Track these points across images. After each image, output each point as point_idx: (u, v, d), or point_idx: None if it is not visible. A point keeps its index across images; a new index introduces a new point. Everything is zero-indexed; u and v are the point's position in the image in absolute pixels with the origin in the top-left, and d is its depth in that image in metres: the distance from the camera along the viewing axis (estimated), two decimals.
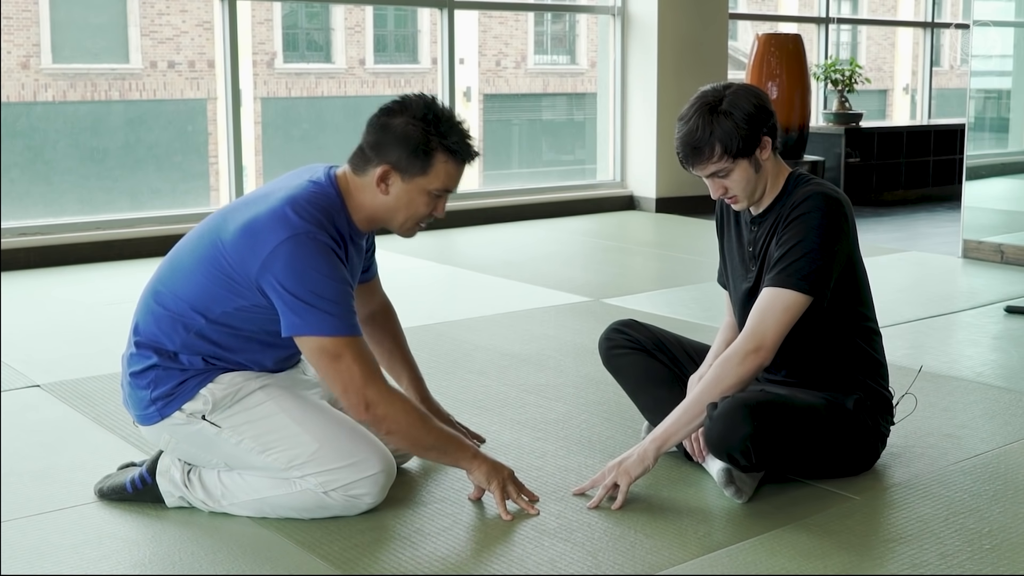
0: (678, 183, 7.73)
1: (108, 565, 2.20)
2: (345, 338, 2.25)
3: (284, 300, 2.23)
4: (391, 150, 2.31)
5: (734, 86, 2.48)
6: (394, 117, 2.32)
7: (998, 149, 6.64)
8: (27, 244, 5.55)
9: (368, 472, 2.34)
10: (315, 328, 2.24)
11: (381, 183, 2.32)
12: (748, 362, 2.42)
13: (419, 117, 2.30)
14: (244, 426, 2.34)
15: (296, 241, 2.23)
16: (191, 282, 2.34)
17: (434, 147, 2.30)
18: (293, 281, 2.22)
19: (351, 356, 2.25)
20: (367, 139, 2.35)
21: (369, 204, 2.36)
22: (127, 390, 2.44)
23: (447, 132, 2.31)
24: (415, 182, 2.32)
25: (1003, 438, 2.95)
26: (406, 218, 2.37)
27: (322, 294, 2.23)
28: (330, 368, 2.26)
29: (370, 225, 2.40)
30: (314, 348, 2.25)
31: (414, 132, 2.29)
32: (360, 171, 2.35)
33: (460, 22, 7.37)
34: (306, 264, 2.22)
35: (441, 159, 2.32)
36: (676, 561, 2.20)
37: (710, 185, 2.51)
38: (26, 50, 9.19)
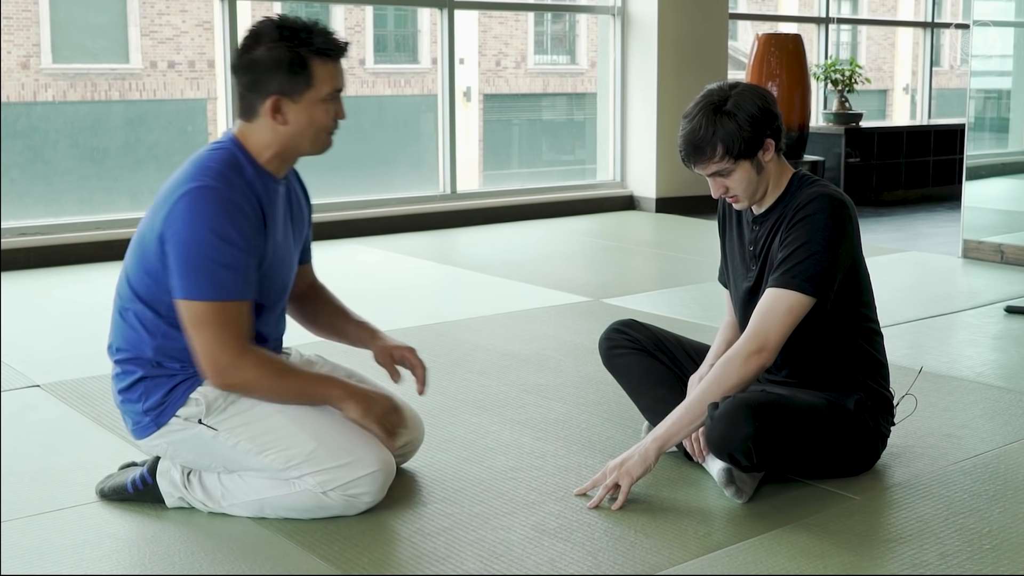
0: (678, 183, 7.73)
1: (108, 565, 2.20)
2: (214, 303, 2.23)
3: (172, 259, 2.23)
4: (269, 80, 2.29)
5: (740, 86, 2.48)
6: (255, 50, 2.30)
7: (998, 149, 6.64)
8: (27, 244, 5.55)
9: (366, 471, 2.33)
10: (191, 292, 2.23)
11: (276, 115, 2.31)
12: (751, 363, 2.42)
13: (277, 38, 2.29)
14: (240, 428, 2.33)
15: (197, 193, 2.23)
16: (134, 282, 2.35)
17: (305, 57, 2.29)
18: (182, 235, 2.22)
19: (216, 321, 2.23)
20: (242, 83, 2.33)
21: (273, 140, 2.33)
22: (120, 409, 2.44)
23: (310, 38, 2.30)
24: (306, 98, 2.30)
25: (1003, 438, 2.95)
26: (315, 135, 2.35)
27: (205, 254, 2.21)
28: (192, 331, 2.25)
29: (283, 162, 2.38)
30: (184, 309, 2.25)
31: (281, 53, 2.28)
32: (251, 115, 2.34)
33: (460, 22, 7.37)
34: (201, 220, 2.21)
35: (318, 64, 2.30)
36: (676, 561, 2.20)
37: (711, 184, 2.51)
38: (26, 50, 9.19)
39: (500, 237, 6.66)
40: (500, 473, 2.68)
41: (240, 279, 2.25)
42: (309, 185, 2.66)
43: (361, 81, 12.39)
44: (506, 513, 2.43)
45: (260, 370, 2.29)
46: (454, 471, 2.69)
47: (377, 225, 6.67)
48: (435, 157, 7.24)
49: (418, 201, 7.05)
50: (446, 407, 3.22)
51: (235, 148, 2.34)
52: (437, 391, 3.39)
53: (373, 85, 12.59)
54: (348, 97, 2.40)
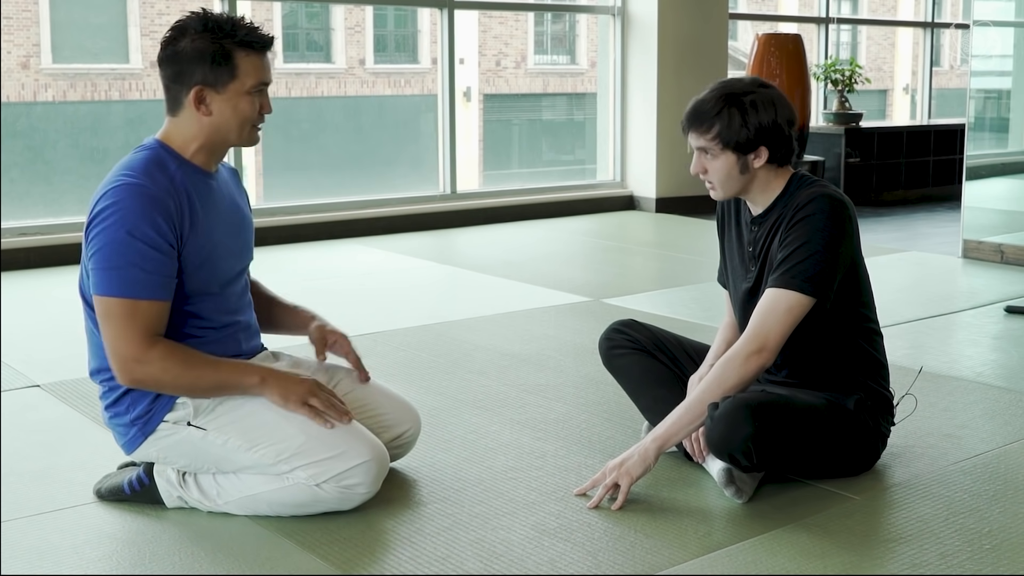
0: (678, 183, 7.73)
1: (108, 565, 2.20)
2: (122, 300, 2.23)
3: (89, 254, 2.25)
4: (193, 72, 2.29)
5: (767, 90, 2.48)
6: (179, 42, 2.31)
7: (998, 149, 6.64)
8: (27, 244, 5.55)
9: (357, 460, 2.31)
10: (100, 288, 2.24)
11: (200, 105, 2.31)
12: (751, 363, 2.42)
13: (201, 30, 2.29)
14: (229, 426, 2.33)
15: (117, 191, 2.24)
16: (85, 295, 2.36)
17: (229, 48, 2.29)
18: (100, 234, 2.22)
19: (122, 318, 2.23)
20: (165, 75, 2.33)
21: (198, 132, 2.33)
22: (108, 426, 2.44)
23: (233, 30, 2.30)
24: (230, 89, 2.31)
25: (1003, 438, 2.95)
26: (240, 126, 2.35)
27: (119, 253, 2.21)
28: (102, 328, 2.26)
29: (210, 155, 2.37)
30: (97, 303, 2.26)
31: (204, 45, 2.28)
32: (176, 108, 2.34)
33: (460, 22, 7.37)
34: (117, 218, 2.22)
35: (242, 56, 2.30)
36: (676, 561, 2.20)
37: (694, 158, 2.53)
38: (26, 50, 9.19)
39: (500, 237, 6.66)
40: (500, 473, 2.68)
41: (152, 279, 2.24)
42: (311, 185, 2.66)
43: (361, 81, 12.39)
44: (506, 513, 2.43)
45: (166, 363, 2.26)
46: (454, 471, 2.69)
47: (377, 225, 6.67)
48: (435, 157, 7.24)
49: (418, 201, 7.05)
50: (446, 407, 3.22)
51: (158, 147, 2.34)
52: (437, 391, 3.39)
53: (373, 85, 12.59)
54: (348, 97, 2.40)
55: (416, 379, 3.52)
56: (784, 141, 2.49)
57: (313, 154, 7.90)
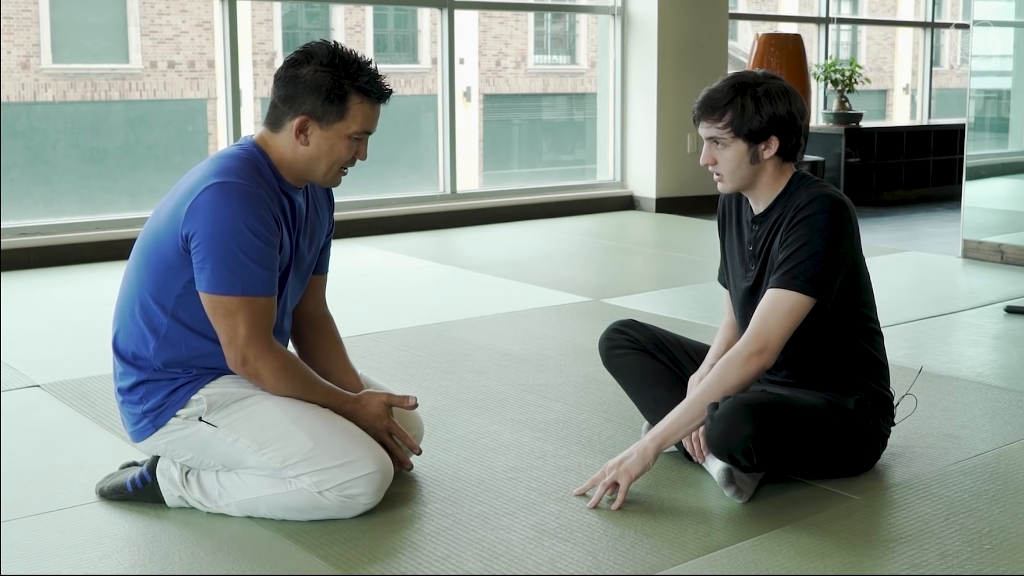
0: (678, 183, 7.73)
1: (108, 565, 2.20)
2: (244, 298, 2.25)
3: (200, 252, 2.24)
4: (304, 100, 2.30)
5: (777, 80, 2.50)
6: (301, 67, 2.31)
7: (998, 149, 6.64)
8: (27, 244, 5.55)
9: (362, 472, 2.32)
10: (221, 287, 2.24)
11: (300, 134, 2.32)
12: (751, 363, 2.42)
13: (326, 63, 2.30)
14: (240, 425, 2.33)
15: (222, 188, 2.24)
16: (143, 275, 2.35)
17: (347, 90, 2.30)
18: (212, 228, 2.23)
19: (244, 315, 2.26)
20: (278, 94, 2.34)
21: (290, 157, 2.35)
22: (119, 403, 2.44)
23: (357, 74, 2.31)
24: (333, 128, 2.32)
25: (1003, 438, 2.95)
26: (329, 166, 2.36)
27: (236, 248, 2.23)
28: (221, 322, 2.27)
29: (297, 179, 2.39)
30: (214, 303, 2.27)
31: (324, 79, 2.29)
32: (277, 127, 2.35)
33: (460, 22, 7.37)
34: (228, 211, 2.23)
35: (355, 101, 2.31)
36: (676, 561, 2.20)
37: (704, 149, 2.53)
38: (26, 50, 9.19)
39: (500, 237, 6.66)
40: (500, 473, 2.68)
41: (267, 275, 2.28)
42: None
43: None
44: (506, 513, 2.43)
45: (281, 374, 2.33)
46: (454, 471, 2.69)
47: (377, 225, 6.67)
48: (435, 157, 7.24)
49: (418, 201, 7.05)
50: (446, 407, 3.22)
51: (256, 151, 2.35)
52: (437, 391, 3.39)
53: None
54: None
55: (416, 379, 3.52)
56: (795, 132, 2.50)
57: None
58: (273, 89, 2.36)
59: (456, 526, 2.36)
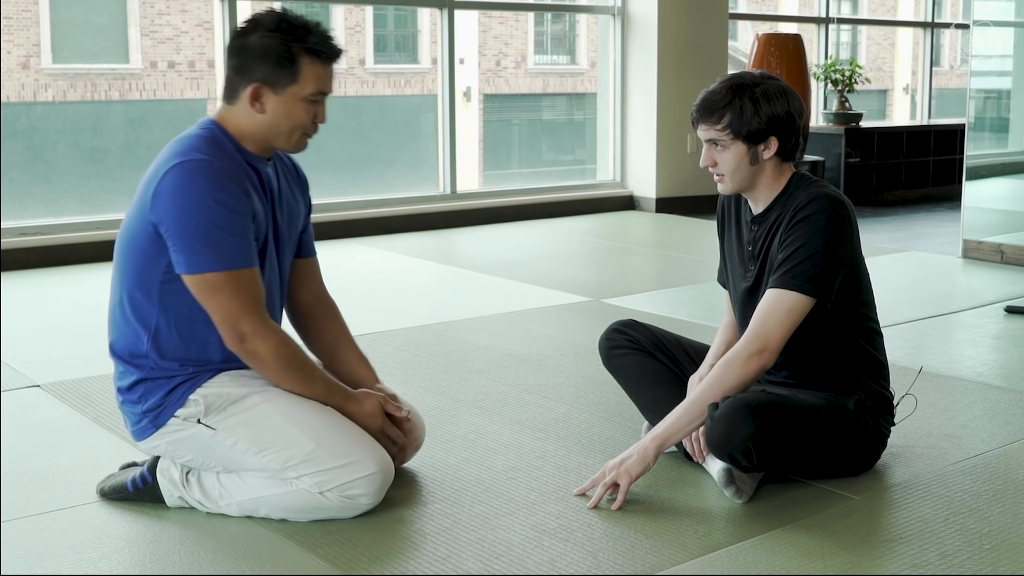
0: (678, 183, 7.73)
1: (108, 565, 2.20)
2: (226, 272, 2.23)
3: (172, 235, 2.23)
4: (255, 67, 2.30)
5: (775, 81, 2.51)
6: (249, 36, 2.31)
7: (998, 149, 6.64)
8: (27, 244, 5.55)
9: (364, 472, 2.32)
10: (198, 265, 2.23)
11: (255, 102, 2.31)
12: (751, 363, 2.42)
13: (273, 28, 2.29)
14: (239, 427, 2.33)
15: (183, 167, 2.23)
16: (124, 271, 2.35)
17: (296, 52, 2.29)
18: (180, 209, 2.21)
19: (231, 289, 2.24)
20: (230, 65, 2.34)
21: (250, 127, 2.34)
22: (120, 409, 2.44)
23: (305, 35, 2.30)
24: (287, 92, 2.31)
25: (1003, 438, 2.95)
26: (290, 131, 2.35)
27: (208, 223, 2.21)
28: (209, 300, 2.26)
29: (262, 149, 2.38)
30: (197, 283, 2.25)
31: (272, 43, 2.28)
32: (233, 99, 2.34)
33: (460, 22, 7.37)
34: (194, 189, 2.21)
35: (306, 62, 2.30)
36: (676, 561, 2.20)
37: (704, 151, 2.54)
38: (26, 50, 9.19)
39: (500, 237, 6.66)
40: (500, 473, 2.68)
41: (245, 245, 2.26)
42: (310, 185, 2.66)
43: (361, 81, 12.38)
44: (506, 513, 2.43)
45: (279, 349, 2.30)
46: (454, 471, 2.69)
47: (377, 225, 6.67)
48: (435, 157, 7.24)
49: (418, 201, 7.05)
50: (446, 407, 3.22)
51: (215, 128, 2.34)
52: (437, 391, 3.39)
53: (373, 85, 12.59)
54: (348, 97, 2.41)
55: (416, 379, 3.52)
56: (794, 132, 2.50)
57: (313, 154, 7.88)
58: (225, 61, 2.36)
59: (456, 526, 2.36)
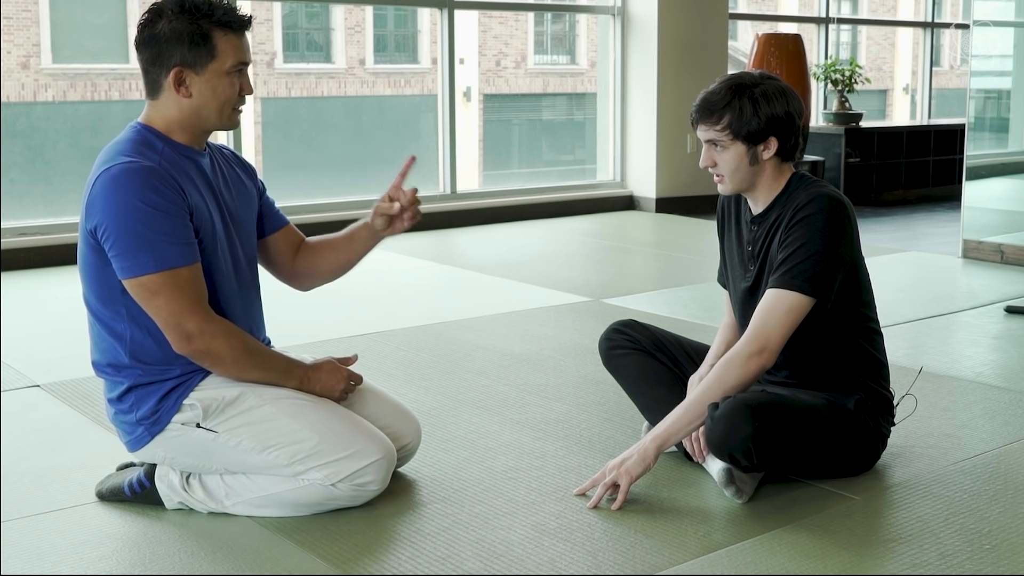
0: (678, 183, 7.73)
1: (108, 565, 2.20)
2: (161, 273, 2.22)
3: (108, 242, 2.23)
4: (171, 53, 2.29)
5: (774, 81, 2.51)
6: (156, 24, 2.30)
7: (998, 149, 6.64)
8: (27, 244, 5.55)
9: (370, 459, 2.34)
10: (135, 269, 2.22)
11: (179, 87, 2.30)
12: (751, 363, 2.42)
13: (177, 11, 2.29)
14: (241, 428, 2.33)
15: (109, 173, 2.23)
16: (85, 288, 2.37)
17: (207, 29, 2.29)
18: (110, 215, 2.21)
19: (168, 290, 2.23)
20: (144, 59, 2.32)
21: (178, 115, 2.33)
22: (113, 422, 2.43)
23: (211, 11, 2.30)
24: (209, 70, 2.30)
25: (1003, 438, 2.95)
26: (220, 108, 2.34)
27: (138, 225, 2.20)
28: (150, 304, 2.25)
29: (195, 136, 2.37)
30: (135, 287, 2.24)
31: (182, 25, 2.28)
32: (155, 92, 2.33)
33: (460, 22, 7.37)
34: (121, 193, 2.21)
35: (220, 36, 2.30)
36: (676, 561, 2.20)
37: (703, 151, 2.54)
38: (26, 50, 9.19)
39: (500, 237, 6.66)
40: (500, 473, 2.68)
41: (179, 244, 2.24)
42: (311, 185, 2.66)
43: (361, 81, 12.38)
44: (506, 513, 2.43)
45: (231, 340, 2.29)
46: (454, 471, 2.69)
47: None
48: (435, 157, 7.24)
49: None
50: (446, 407, 3.22)
51: (142, 129, 2.33)
52: (437, 391, 3.39)
53: (373, 85, 12.59)
54: (348, 97, 2.40)
55: (416, 379, 3.52)
56: (794, 132, 2.50)
57: (313, 154, 7.90)
58: (138, 58, 2.34)
59: (456, 526, 2.36)
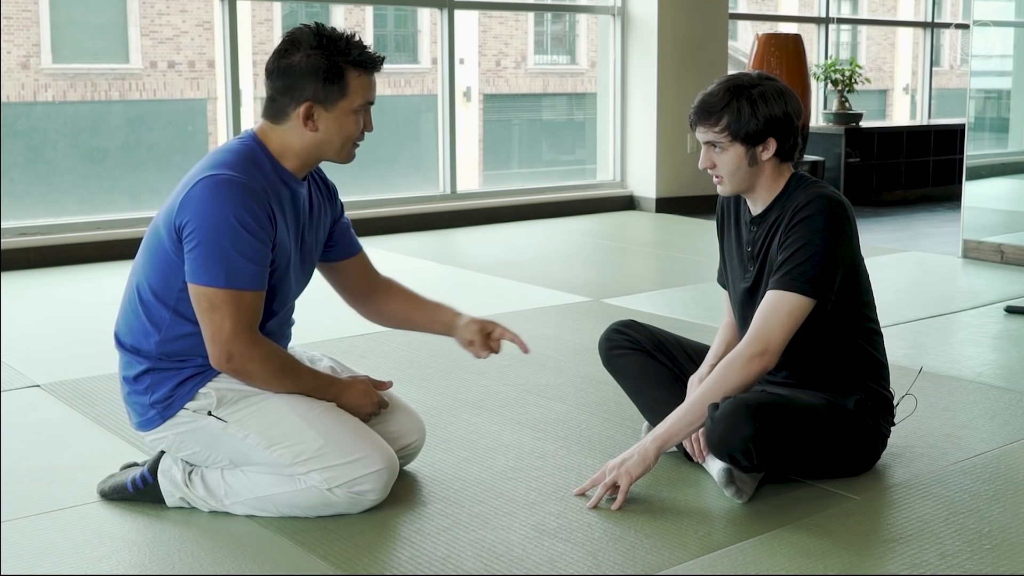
0: (678, 183, 7.73)
1: (108, 565, 2.20)
2: (229, 291, 2.24)
3: (189, 242, 2.24)
4: (304, 87, 2.31)
5: (773, 82, 2.50)
6: (292, 55, 2.32)
7: (998, 149, 6.64)
8: (27, 244, 5.55)
9: (371, 468, 2.34)
10: (205, 278, 2.24)
11: (307, 121, 2.33)
12: (753, 365, 2.42)
13: (316, 46, 2.31)
14: (251, 421, 2.34)
15: (213, 180, 2.24)
16: (147, 270, 2.35)
17: (343, 67, 2.31)
18: (201, 220, 2.23)
19: (228, 309, 2.25)
20: (275, 86, 2.34)
21: (300, 146, 2.35)
22: (124, 394, 2.44)
23: (348, 49, 2.32)
24: (338, 107, 2.33)
25: (1003, 438, 2.95)
26: (342, 144, 2.37)
27: (224, 240, 2.22)
28: (204, 315, 2.27)
29: (304, 167, 2.39)
30: (198, 294, 2.26)
31: (319, 61, 2.30)
32: (280, 119, 2.35)
33: (460, 22, 7.37)
34: (218, 204, 2.22)
35: (353, 76, 2.32)
36: (676, 561, 2.20)
37: (702, 153, 2.54)
38: (26, 50, 9.19)
39: (500, 237, 6.66)
40: (500, 473, 2.68)
41: (255, 269, 2.27)
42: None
43: None
44: (506, 513, 2.43)
45: (266, 364, 2.32)
46: (454, 471, 2.69)
47: (377, 225, 6.67)
48: (435, 157, 7.24)
49: (418, 201, 7.05)
50: (446, 407, 3.22)
51: (255, 144, 2.35)
52: (437, 391, 3.39)
53: None
54: None
55: (416, 379, 3.52)
56: (792, 132, 2.50)
57: None
58: (268, 83, 2.36)
59: (456, 526, 2.36)
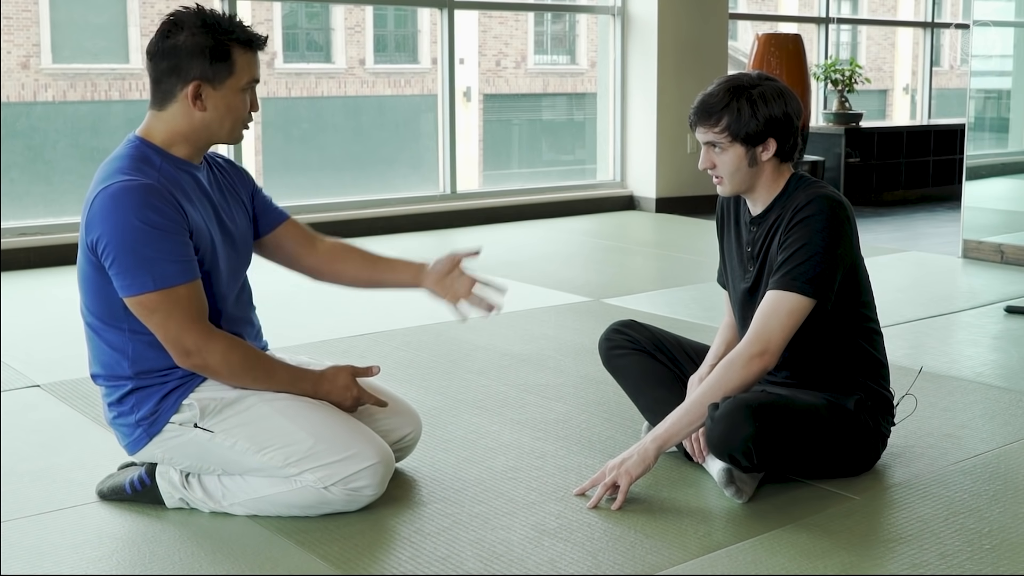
0: (678, 183, 7.73)
1: (108, 565, 2.20)
2: (160, 292, 2.23)
3: (107, 260, 2.25)
4: (191, 66, 2.29)
5: (773, 82, 2.50)
6: (176, 36, 2.30)
7: (998, 149, 6.64)
8: (27, 244, 5.55)
9: (365, 463, 2.33)
10: (134, 288, 2.24)
11: (196, 100, 2.31)
12: (753, 365, 2.42)
13: (199, 26, 2.30)
14: (237, 428, 2.33)
15: (107, 192, 2.23)
16: (85, 300, 2.37)
17: (228, 45, 2.31)
18: (109, 234, 2.22)
19: (166, 308, 2.24)
20: (159, 68, 2.32)
21: (188, 128, 2.34)
22: (109, 419, 2.42)
23: (231, 29, 2.32)
24: (226, 85, 2.32)
25: (1003, 438, 2.95)
26: (233, 123, 2.36)
27: (136, 245, 2.21)
28: (149, 323, 2.26)
29: (197, 151, 2.38)
30: (135, 305, 2.26)
31: (204, 40, 2.29)
32: (167, 101, 2.33)
33: (460, 22, 7.37)
34: (119, 212, 2.21)
35: (239, 53, 2.32)
36: (676, 561, 2.20)
37: (702, 153, 2.54)
38: (26, 50, 9.19)
39: (500, 237, 6.66)
40: (500, 473, 2.68)
41: (179, 263, 2.25)
42: (311, 185, 2.67)
43: (361, 81, 12.39)
44: (506, 513, 2.43)
45: (228, 357, 2.30)
46: (454, 471, 2.69)
47: (377, 225, 6.67)
48: (435, 157, 7.24)
49: (418, 201, 7.05)
50: (446, 407, 3.22)
51: (139, 143, 2.34)
52: (437, 391, 3.39)
53: (373, 85, 12.59)
54: (348, 97, 2.41)
55: (416, 379, 3.52)
56: (792, 133, 2.50)
57: (313, 154, 7.91)
58: (150, 66, 2.34)
59: (456, 526, 2.36)
